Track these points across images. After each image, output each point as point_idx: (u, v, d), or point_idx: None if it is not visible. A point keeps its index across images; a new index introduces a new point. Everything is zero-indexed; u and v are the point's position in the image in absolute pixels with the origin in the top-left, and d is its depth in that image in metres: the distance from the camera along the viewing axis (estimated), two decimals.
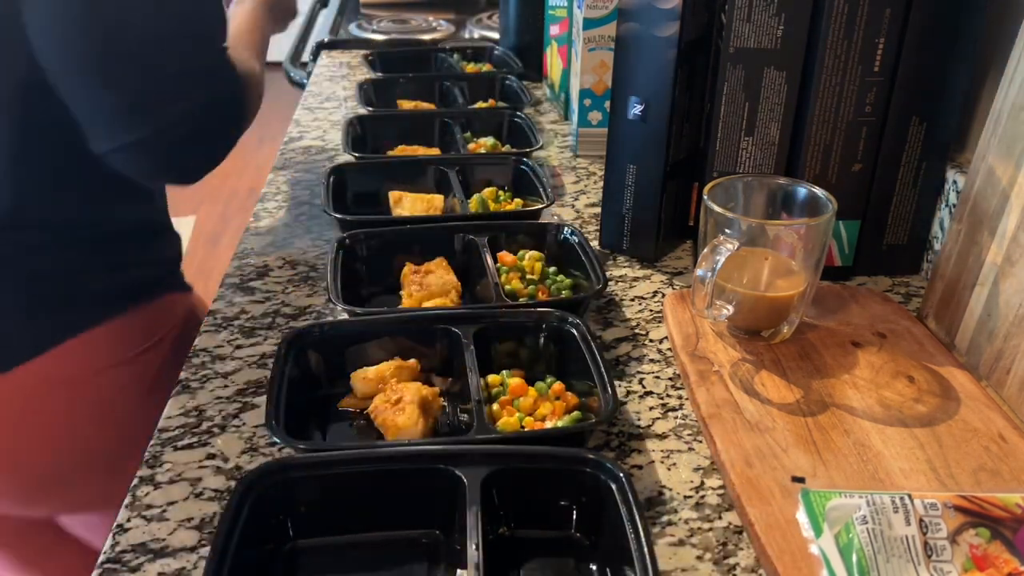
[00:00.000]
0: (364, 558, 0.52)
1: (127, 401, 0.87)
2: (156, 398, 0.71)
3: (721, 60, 0.76)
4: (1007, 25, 0.75)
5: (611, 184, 0.86)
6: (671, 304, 0.75)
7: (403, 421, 0.59)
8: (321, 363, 0.66)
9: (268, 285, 0.83)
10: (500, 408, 0.62)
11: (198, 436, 0.63)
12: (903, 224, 0.82)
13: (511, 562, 0.52)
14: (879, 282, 0.84)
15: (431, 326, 0.67)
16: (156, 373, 0.88)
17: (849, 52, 0.74)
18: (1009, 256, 0.64)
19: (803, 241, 0.66)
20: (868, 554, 0.47)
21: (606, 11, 1.04)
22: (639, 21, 0.77)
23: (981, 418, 0.61)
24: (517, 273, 0.77)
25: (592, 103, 1.10)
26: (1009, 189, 0.64)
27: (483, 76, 1.30)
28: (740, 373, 0.66)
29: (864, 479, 0.56)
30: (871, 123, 0.77)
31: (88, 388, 0.84)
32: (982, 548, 0.48)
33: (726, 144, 0.79)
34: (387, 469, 0.53)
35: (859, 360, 0.68)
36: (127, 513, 0.56)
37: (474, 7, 1.92)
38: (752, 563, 0.53)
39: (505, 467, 0.52)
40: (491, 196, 0.90)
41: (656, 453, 0.62)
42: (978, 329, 0.67)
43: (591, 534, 0.53)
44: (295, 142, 1.18)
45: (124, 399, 0.87)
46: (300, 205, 0.99)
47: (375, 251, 0.80)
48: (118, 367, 0.85)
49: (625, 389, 0.69)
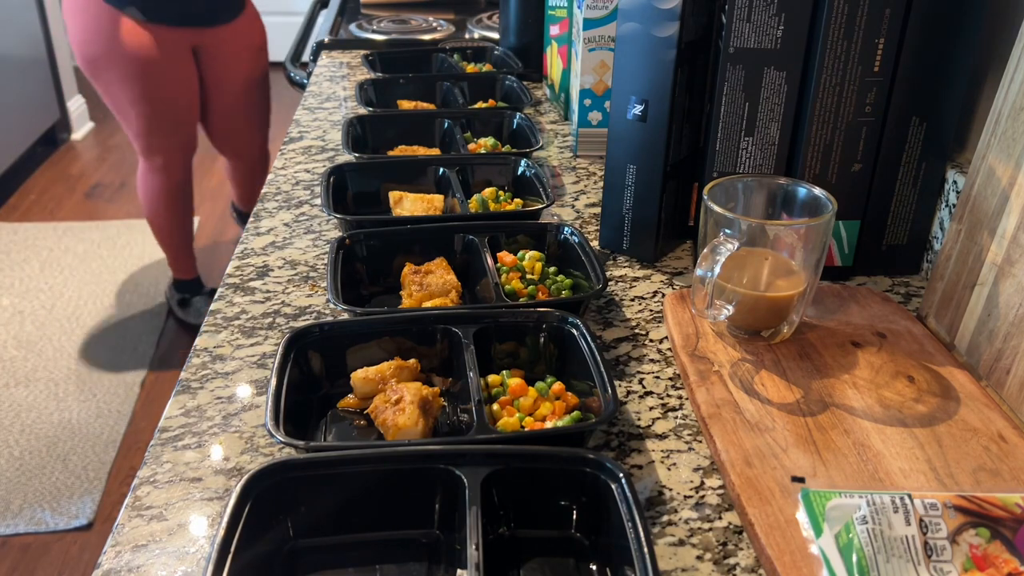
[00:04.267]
0: (364, 558, 0.52)
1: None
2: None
3: (721, 60, 0.76)
4: (1007, 25, 0.75)
5: (611, 184, 0.86)
6: (671, 304, 0.75)
7: (403, 421, 0.59)
8: (321, 363, 0.66)
9: (268, 285, 0.83)
10: (500, 408, 0.62)
11: (198, 436, 0.63)
12: (903, 224, 0.82)
13: (511, 562, 0.52)
14: (879, 282, 0.84)
15: (431, 326, 0.67)
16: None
17: (849, 52, 0.74)
18: (1009, 256, 0.64)
19: (803, 241, 0.66)
20: (868, 554, 0.47)
21: (606, 11, 1.04)
22: (639, 21, 0.77)
23: (981, 418, 0.61)
24: (517, 273, 0.77)
25: (592, 103, 1.10)
26: (1009, 189, 0.64)
27: (483, 76, 1.30)
28: (740, 373, 0.66)
29: (864, 479, 0.56)
30: (871, 123, 0.77)
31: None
32: (982, 548, 0.48)
33: (726, 144, 0.79)
34: (387, 469, 0.53)
35: (859, 360, 0.68)
36: (127, 513, 0.56)
37: (474, 7, 1.92)
38: (752, 563, 0.53)
39: (505, 467, 0.52)
40: (491, 196, 0.91)
41: (656, 453, 0.62)
42: (978, 329, 0.67)
43: (591, 534, 0.53)
44: (295, 142, 1.18)
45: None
46: (300, 205, 0.99)
47: (375, 251, 0.80)
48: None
49: (625, 389, 0.69)
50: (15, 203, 3.12)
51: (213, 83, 2.07)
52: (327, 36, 1.66)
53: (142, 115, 1.98)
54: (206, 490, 0.58)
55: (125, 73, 1.90)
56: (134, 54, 1.88)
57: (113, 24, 1.85)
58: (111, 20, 1.85)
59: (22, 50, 3.23)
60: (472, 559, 0.46)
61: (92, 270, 2.66)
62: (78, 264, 2.70)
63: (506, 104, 1.23)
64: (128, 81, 1.92)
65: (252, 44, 2.08)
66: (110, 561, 0.53)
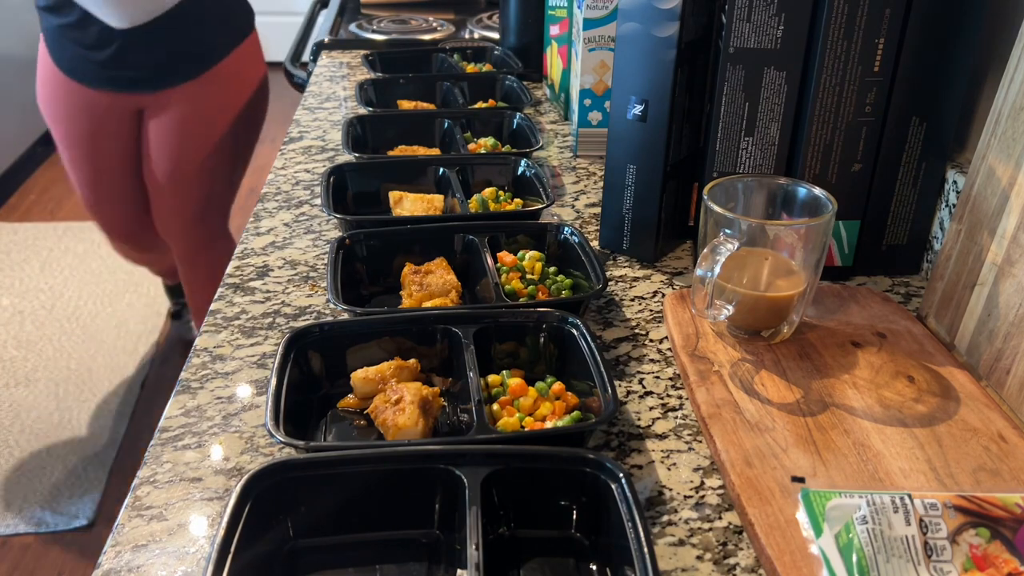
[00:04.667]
0: (364, 558, 0.52)
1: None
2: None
3: (721, 60, 0.76)
4: (1007, 25, 0.75)
5: (611, 184, 0.86)
6: (671, 304, 0.75)
7: (403, 421, 0.59)
8: (321, 363, 0.66)
9: (268, 285, 0.83)
10: (500, 408, 0.62)
11: (198, 436, 0.63)
12: (903, 224, 0.82)
13: (511, 562, 0.52)
14: (879, 282, 0.84)
15: (431, 326, 0.67)
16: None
17: (849, 52, 0.74)
18: (1009, 256, 0.64)
19: (803, 241, 0.66)
20: (868, 554, 0.47)
21: (606, 11, 1.04)
22: (639, 21, 0.77)
23: (981, 418, 0.61)
24: (517, 273, 0.77)
25: (592, 103, 1.10)
26: (1009, 189, 0.64)
27: (483, 76, 1.30)
28: (740, 373, 0.66)
29: (864, 479, 0.56)
30: (871, 123, 0.77)
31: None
32: (982, 548, 0.48)
33: (726, 144, 0.79)
34: (387, 469, 0.53)
35: (859, 360, 0.68)
36: (127, 513, 0.56)
37: (474, 7, 1.92)
38: (752, 563, 0.53)
39: (505, 467, 0.52)
40: (491, 196, 0.90)
41: (656, 453, 0.62)
42: (978, 329, 0.67)
43: (591, 534, 0.53)
44: (295, 142, 1.18)
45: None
46: (300, 205, 0.99)
47: (375, 251, 0.80)
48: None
49: (625, 389, 0.69)
50: (15, 203, 3.12)
51: (144, 155, 1.72)
52: (327, 36, 1.66)
53: (76, 180, 1.77)
54: (206, 490, 0.58)
55: (58, 134, 1.71)
56: (65, 114, 1.66)
57: (56, 79, 1.62)
58: (52, 74, 1.62)
59: (22, 50, 3.23)
60: (472, 559, 0.46)
61: (92, 270, 2.66)
62: (78, 264, 2.70)
63: (506, 104, 1.23)
64: (62, 143, 1.72)
65: (211, 108, 1.65)
66: (110, 561, 0.53)
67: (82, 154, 1.71)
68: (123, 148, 1.71)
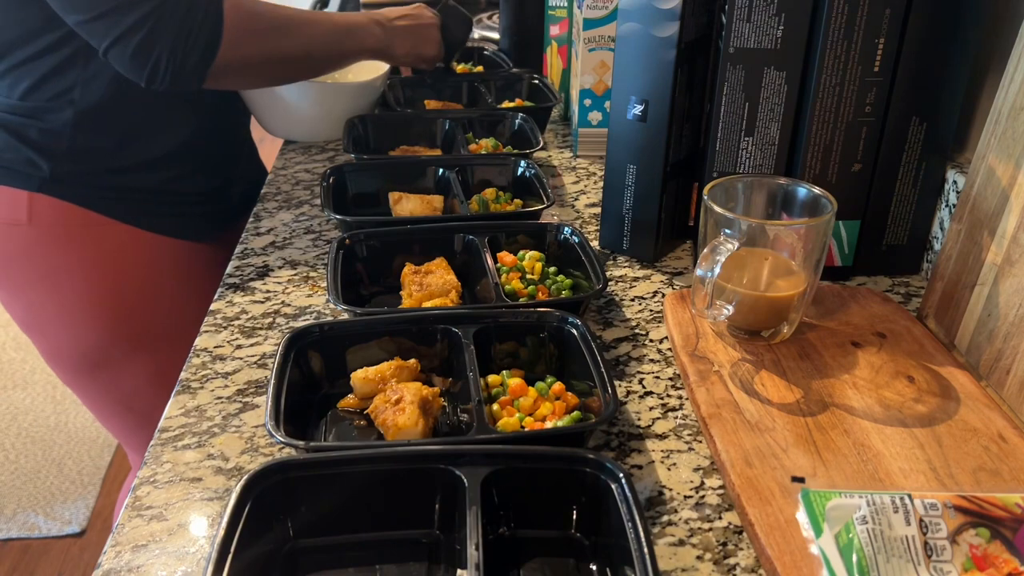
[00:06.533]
0: (364, 558, 0.52)
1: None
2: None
3: (721, 60, 0.76)
4: (1007, 25, 0.75)
5: (611, 184, 0.86)
6: (671, 304, 0.75)
7: (403, 421, 0.59)
8: (321, 363, 0.66)
9: (268, 285, 0.83)
10: (500, 408, 0.62)
11: (198, 436, 0.63)
12: (903, 224, 0.82)
13: (511, 562, 0.52)
14: (879, 282, 0.84)
15: (431, 326, 0.67)
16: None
17: (849, 52, 0.74)
18: (1009, 256, 0.64)
19: (803, 241, 0.66)
20: (868, 554, 0.47)
21: (606, 11, 1.04)
22: (639, 21, 0.77)
23: (981, 418, 0.61)
24: (517, 273, 0.77)
25: (592, 103, 1.10)
26: (1009, 189, 0.64)
27: (510, 76, 1.29)
28: (740, 373, 0.66)
29: (864, 479, 0.56)
30: (871, 123, 0.77)
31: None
32: (982, 548, 0.48)
33: (726, 144, 0.79)
34: (387, 469, 0.53)
35: (859, 360, 0.68)
36: (127, 513, 0.56)
37: (474, 7, 1.92)
38: (752, 563, 0.53)
39: (505, 467, 0.52)
40: (491, 197, 0.90)
41: (656, 453, 0.62)
42: (978, 329, 0.67)
43: (591, 534, 0.53)
44: (295, 142, 1.18)
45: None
46: (300, 205, 0.99)
47: (375, 251, 0.80)
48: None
49: (625, 389, 0.69)
50: None
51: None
52: None
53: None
54: (206, 490, 0.58)
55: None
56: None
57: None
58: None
59: None
60: (472, 559, 0.46)
61: None
62: None
63: (533, 103, 1.22)
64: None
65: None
66: (110, 561, 0.53)
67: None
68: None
